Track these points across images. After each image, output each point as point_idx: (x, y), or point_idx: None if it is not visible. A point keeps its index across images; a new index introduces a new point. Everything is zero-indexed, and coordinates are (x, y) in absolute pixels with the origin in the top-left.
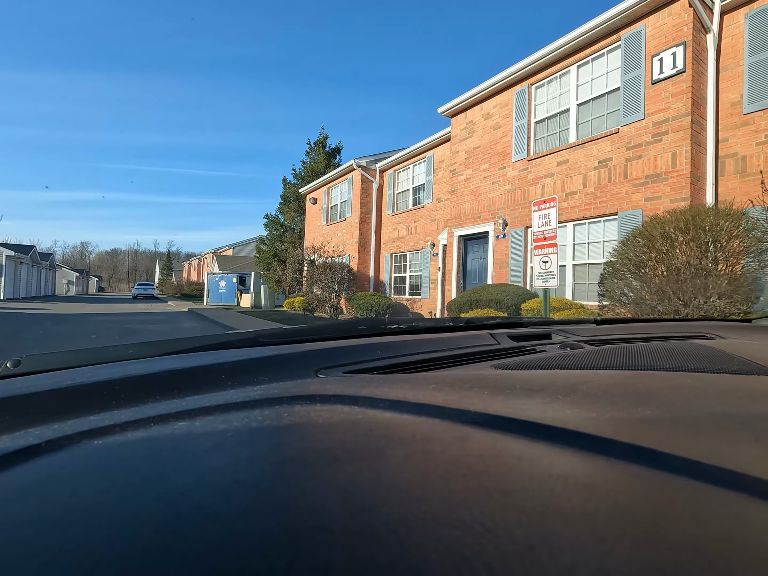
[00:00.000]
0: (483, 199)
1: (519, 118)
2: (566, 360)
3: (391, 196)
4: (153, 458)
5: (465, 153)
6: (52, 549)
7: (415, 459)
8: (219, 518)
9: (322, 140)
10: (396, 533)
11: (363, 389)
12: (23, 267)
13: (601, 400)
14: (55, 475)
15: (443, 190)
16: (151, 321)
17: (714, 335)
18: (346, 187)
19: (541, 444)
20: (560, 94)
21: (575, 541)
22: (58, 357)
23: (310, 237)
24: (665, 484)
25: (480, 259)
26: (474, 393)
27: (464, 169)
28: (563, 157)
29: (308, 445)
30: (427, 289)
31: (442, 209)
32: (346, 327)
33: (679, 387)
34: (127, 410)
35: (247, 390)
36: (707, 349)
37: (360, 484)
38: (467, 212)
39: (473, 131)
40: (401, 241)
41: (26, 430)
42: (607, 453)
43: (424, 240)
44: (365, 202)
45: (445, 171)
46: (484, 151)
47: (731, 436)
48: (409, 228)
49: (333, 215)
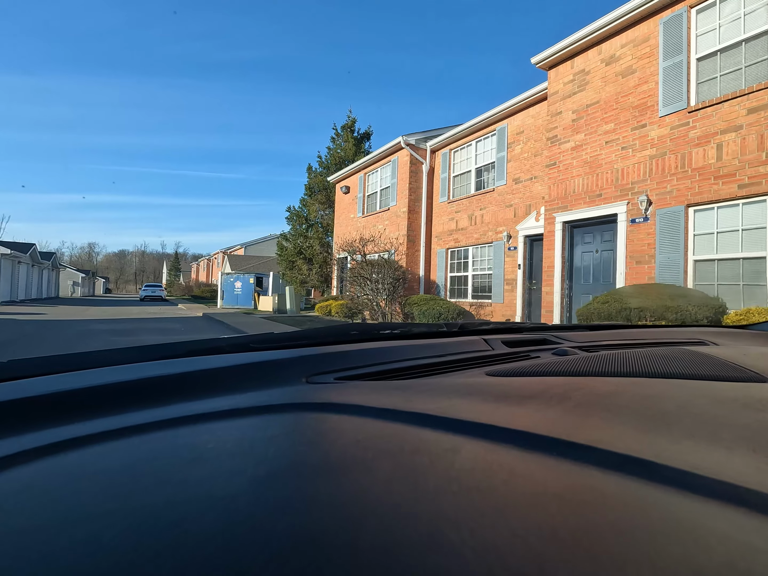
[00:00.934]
0: (605, 171)
1: (669, 56)
2: (560, 366)
3: (445, 180)
4: (126, 472)
5: (572, 113)
6: (9, 567)
7: (402, 473)
8: (189, 539)
9: (350, 124)
10: (379, 559)
11: (354, 396)
12: (22, 267)
13: (595, 408)
14: (22, 491)
15: (523, 168)
16: (163, 330)
17: (709, 341)
18: (389, 171)
19: (534, 455)
20: (746, 13)
21: (572, 568)
22: (41, 362)
23: (342, 231)
24: (663, 500)
25: (597, 253)
26: (466, 401)
27: (571, 134)
28: (760, 100)
29: (292, 458)
30: (500, 291)
31: (522, 192)
32: (339, 332)
33: (674, 394)
34: (106, 419)
35: (234, 397)
36: (702, 356)
37: (343, 502)
38: (578, 190)
39: (586, 83)
40: (461, 234)
41: (3, 440)
42: (603, 464)
43: (495, 231)
44: (414, 187)
45: (527, 144)
46: (605, 107)
47: (728, 446)
48: (473, 217)
49: (371, 205)
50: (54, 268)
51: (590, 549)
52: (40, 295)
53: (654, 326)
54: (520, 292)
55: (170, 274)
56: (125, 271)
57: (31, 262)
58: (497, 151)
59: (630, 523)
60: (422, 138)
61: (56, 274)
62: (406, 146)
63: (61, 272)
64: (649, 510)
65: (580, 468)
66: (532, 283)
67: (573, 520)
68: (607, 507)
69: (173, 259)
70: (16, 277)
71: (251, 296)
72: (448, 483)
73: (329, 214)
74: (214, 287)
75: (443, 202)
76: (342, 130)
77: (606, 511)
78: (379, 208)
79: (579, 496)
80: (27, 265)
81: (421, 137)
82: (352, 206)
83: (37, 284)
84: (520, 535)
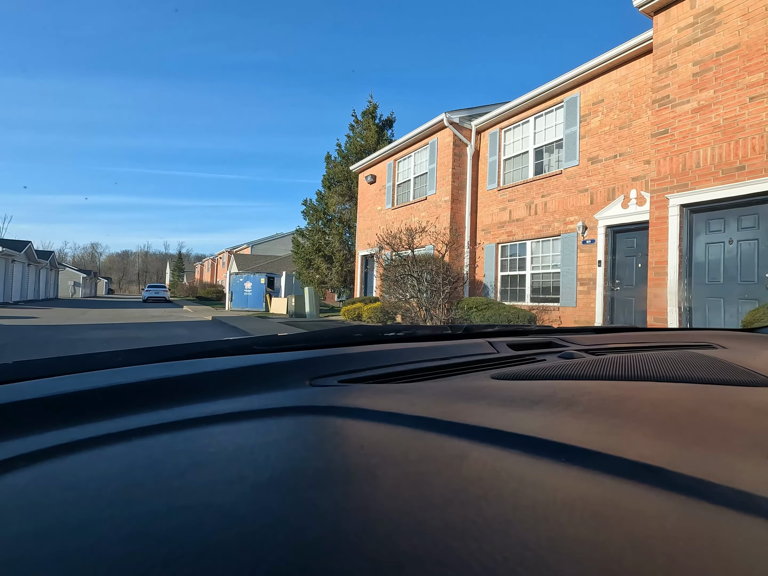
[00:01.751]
0: (751, 135)
1: None
2: (567, 370)
3: (494, 164)
4: (124, 478)
5: (693, 66)
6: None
7: (408, 482)
8: (187, 548)
9: (372, 110)
10: (383, 571)
11: (357, 400)
12: (16, 266)
13: (604, 413)
14: (18, 496)
15: (603, 145)
16: (168, 338)
17: (718, 345)
18: (425, 156)
19: (543, 462)
20: None
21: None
22: (44, 364)
23: (366, 225)
24: (677, 509)
25: (731, 243)
26: (472, 404)
27: (691, 92)
28: None
29: (295, 464)
30: (572, 293)
31: (601, 173)
32: (342, 334)
33: (684, 399)
34: (107, 422)
35: (236, 400)
36: (711, 360)
37: (347, 510)
38: (703, 163)
39: (716, 25)
40: (516, 226)
41: (2, 443)
42: (613, 472)
43: (563, 222)
44: (457, 173)
45: (608, 115)
46: (749, 53)
47: (741, 453)
48: (531, 206)
49: (403, 195)
50: (53, 268)
51: (604, 561)
52: (38, 296)
53: (661, 329)
54: (600, 293)
55: (173, 275)
56: (128, 271)
57: (26, 261)
58: (566, 126)
59: (644, 534)
60: (466, 116)
61: (55, 274)
62: (450, 125)
63: (61, 272)
64: (663, 520)
65: (590, 475)
66: (616, 283)
67: (585, 530)
68: (619, 516)
69: (176, 260)
70: (10, 277)
71: (262, 298)
72: (455, 492)
73: (350, 208)
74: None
75: (491, 190)
76: (362, 117)
77: (619, 521)
78: (413, 198)
79: (590, 506)
80: (22, 264)
81: (464, 115)
82: (379, 197)
83: (34, 285)
84: (530, 547)
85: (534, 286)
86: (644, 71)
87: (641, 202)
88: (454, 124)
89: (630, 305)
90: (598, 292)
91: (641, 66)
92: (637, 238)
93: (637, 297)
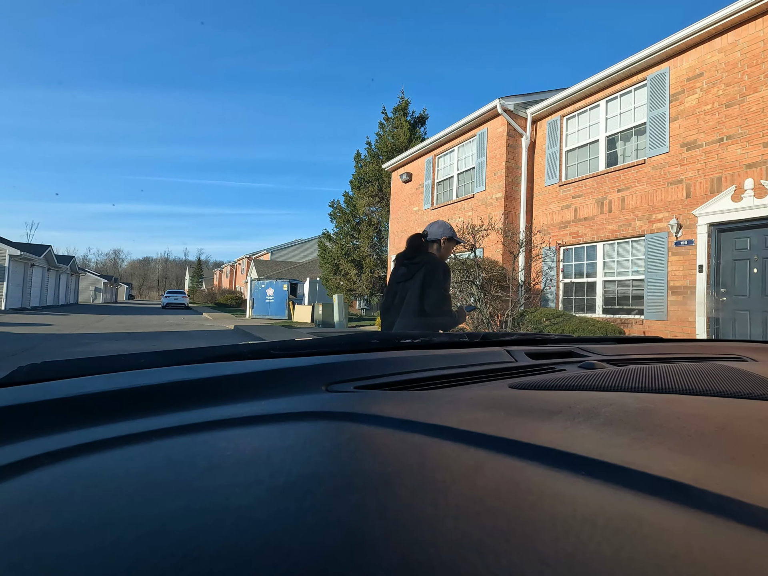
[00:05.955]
0: None
1: None
2: (587, 380)
3: (554, 157)
4: (144, 479)
5: None
6: (21, 572)
7: (423, 492)
8: (201, 552)
9: (403, 106)
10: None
11: (373, 406)
12: (36, 270)
13: (626, 426)
14: (43, 493)
15: (703, 127)
16: None
17: (747, 357)
18: (473, 148)
19: (562, 474)
20: None
21: None
22: (71, 365)
23: (399, 228)
24: (704, 528)
25: None
26: (489, 414)
27: None
28: None
29: (310, 470)
30: (662, 304)
31: (701, 160)
32: (358, 340)
33: (711, 413)
34: (128, 423)
35: (253, 404)
36: (741, 373)
37: (362, 519)
38: None
39: None
40: (583, 225)
41: (29, 441)
42: (637, 487)
43: (648, 220)
44: (512, 167)
45: (709, 91)
46: None
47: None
48: (604, 202)
49: (444, 194)
50: (73, 273)
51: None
52: (57, 302)
53: (687, 340)
54: (702, 304)
55: (192, 281)
56: (148, 277)
57: (46, 265)
58: (650, 108)
59: (668, 553)
60: (520, 104)
61: (76, 279)
62: (504, 112)
63: (82, 277)
64: (689, 539)
65: (611, 490)
66: (722, 292)
67: (606, 547)
68: (642, 534)
69: (196, 266)
70: (29, 282)
71: (285, 305)
72: (471, 502)
73: (380, 210)
74: (238, 294)
75: (551, 185)
76: (393, 114)
77: (642, 539)
78: (457, 196)
79: (612, 522)
80: (42, 269)
81: (519, 101)
82: (416, 197)
83: (53, 290)
84: (549, 563)
85: (607, 295)
86: (761, 35)
87: (761, 194)
88: (508, 111)
89: (743, 320)
90: (698, 302)
91: (757, 29)
92: (752, 237)
93: (753, 309)
